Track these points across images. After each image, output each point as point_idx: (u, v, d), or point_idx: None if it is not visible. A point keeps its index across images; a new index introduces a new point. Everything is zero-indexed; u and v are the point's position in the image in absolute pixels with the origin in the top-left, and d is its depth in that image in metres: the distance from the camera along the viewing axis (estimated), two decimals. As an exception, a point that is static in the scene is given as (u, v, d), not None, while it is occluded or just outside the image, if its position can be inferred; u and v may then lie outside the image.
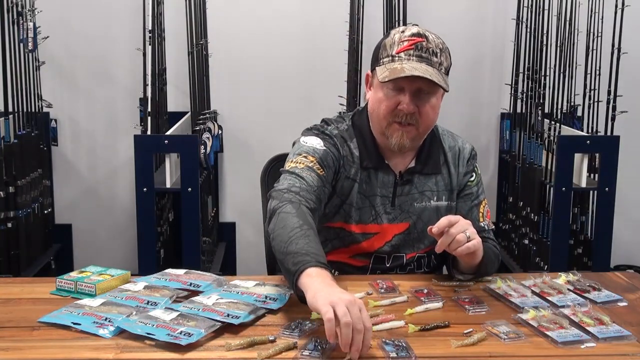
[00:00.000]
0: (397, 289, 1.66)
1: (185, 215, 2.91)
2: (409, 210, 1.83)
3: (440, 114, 1.81)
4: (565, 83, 3.32)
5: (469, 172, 1.88)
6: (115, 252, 3.83)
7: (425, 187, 1.84)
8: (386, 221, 1.82)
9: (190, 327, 1.40)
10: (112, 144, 3.83)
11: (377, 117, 1.77)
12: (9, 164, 3.08)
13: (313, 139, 1.80)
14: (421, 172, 1.83)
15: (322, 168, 1.74)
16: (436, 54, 1.71)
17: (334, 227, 1.83)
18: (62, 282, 1.66)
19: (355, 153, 1.81)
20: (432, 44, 1.72)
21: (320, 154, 1.76)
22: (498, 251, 1.86)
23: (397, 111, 1.72)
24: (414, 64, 1.69)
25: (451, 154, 1.88)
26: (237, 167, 3.87)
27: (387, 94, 1.73)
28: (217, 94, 3.76)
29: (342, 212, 1.81)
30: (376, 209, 1.81)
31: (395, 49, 1.71)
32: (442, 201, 1.85)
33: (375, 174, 1.81)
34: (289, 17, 3.77)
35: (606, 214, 3.04)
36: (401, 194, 1.82)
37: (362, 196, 1.81)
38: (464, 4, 3.82)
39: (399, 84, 1.71)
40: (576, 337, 1.40)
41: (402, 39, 1.72)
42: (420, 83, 1.69)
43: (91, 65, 3.77)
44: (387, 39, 1.75)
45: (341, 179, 1.79)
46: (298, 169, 1.72)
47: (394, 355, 1.32)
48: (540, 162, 3.33)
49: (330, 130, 1.83)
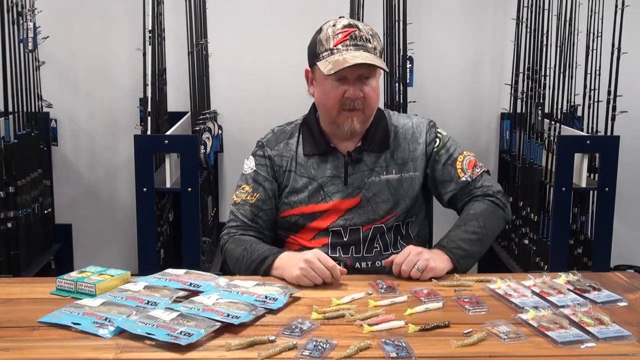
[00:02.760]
0: (397, 289, 1.67)
1: (185, 215, 2.91)
2: (359, 186, 1.94)
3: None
4: (565, 83, 3.32)
5: (431, 140, 1.99)
6: (115, 252, 3.83)
7: (376, 165, 1.95)
8: (340, 198, 1.94)
9: (190, 327, 1.40)
10: (112, 144, 3.83)
11: (326, 108, 1.90)
12: (9, 164, 3.08)
13: (248, 163, 2.03)
14: (368, 150, 1.95)
15: (255, 192, 1.98)
16: (369, 40, 1.86)
17: (285, 216, 1.98)
18: (62, 282, 1.66)
19: (292, 147, 1.99)
20: (364, 32, 1.86)
21: (252, 177, 2.00)
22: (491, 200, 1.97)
23: (344, 99, 1.86)
24: (353, 52, 1.82)
25: (403, 130, 1.99)
26: (237, 167, 3.85)
27: (332, 85, 1.86)
28: (217, 94, 3.76)
29: (286, 202, 1.98)
30: (325, 189, 1.95)
31: (332, 42, 1.85)
32: (393, 174, 1.96)
33: (323, 158, 1.96)
34: (289, 17, 3.76)
35: (606, 214, 3.03)
36: (352, 173, 1.94)
37: (309, 180, 1.96)
38: (464, 4, 3.82)
39: (341, 74, 1.83)
40: (576, 337, 1.40)
41: (336, 32, 1.85)
42: (361, 70, 1.83)
43: (91, 65, 3.77)
44: (320, 35, 1.88)
45: (280, 175, 1.99)
46: (236, 204, 2.00)
47: (394, 355, 1.32)
48: (540, 162, 3.33)
49: (264, 140, 2.04)
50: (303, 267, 1.69)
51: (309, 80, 1.96)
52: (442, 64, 3.81)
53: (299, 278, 1.69)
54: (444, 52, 3.81)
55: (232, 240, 1.96)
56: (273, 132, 2.05)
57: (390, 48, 3.40)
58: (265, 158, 2.00)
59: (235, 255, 1.90)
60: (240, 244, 1.92)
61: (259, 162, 2.01)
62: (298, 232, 1.98)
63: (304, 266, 1.69)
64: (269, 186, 1.98)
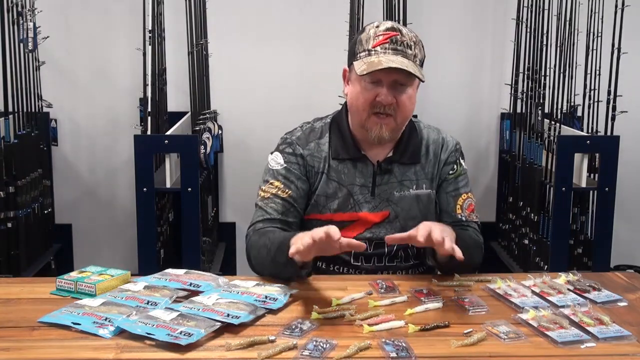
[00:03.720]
0: (397, 289, 1.67)
1: (185, 215, 2.91)
2: (388, 199, 1.88)
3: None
4: (565, 83, 3.32)
5: (450, 163, 1.93)
6: (115, 252, 3.83)
7: (405, 177, 1.89)
8: (366, 210, 1.88)
9: (190, 327, 1.40)
10: (112, 144, 3.83)
11: (357, 110, 1.83)
12: (9, 164, 3.08)
13: (274, 159, 1.91)
14: (400, 162, 1.89)
15: (287, 188, 1.87)
16: (410, 47, 1.79)
17: (310, 219, 1.90)
18: (62, 282, 1.66)
19: (323, 148, 1.90)
20: (406, 37, 1.79)
21: (282, 173, 1.88)
22: (479, 239, 1.90)
23: (375, 103, 1.79)
24: (390, 56, 1.76)
25: (434, 145, 1.93)
26: (237, 167, 3.87)
27: (365, 87, 1.79)
28: (217, 94, 3.76)
29: (314, 204, 1.89)
30: (354, 197, 1.88)
31: (372, 43, 1.78)
32: (423, 189, 1.90)
33: (353, 164, 1.89)
34: (289, 17, 3.76)
35: (606, 214, 3.03)
36: (380, 184, 1.88)
37: (340, 185, 1.87)
38: (464, 3, 3.82)
39: (376, 77, 1.77)
40: (576, 337, 1.40)
41: (377, 34, 1.79)
42: (397, 75, 1.76)
43: (91, 65, 3.77)
44: (362, 34, 1.82)
45: (311, 176, 1.89)
46: (265, 199, 1.88)
47: (394, 355, 1.32)
48: (540, 162, 3.33)
49: (292, 135, 1.93)
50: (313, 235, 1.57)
51: (345, 79, 1.89)
52: (442, 64, 3.81)
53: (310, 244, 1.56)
54: (444, 52, 3.81)
55: (257, 233, 1.83)
56: (302, 129, 1.94)
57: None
58: (296, 156, 1.89)
59: (259, 246, 1.78)
60: (264, 234, 1.80)
61: (288, 159, 1.89)
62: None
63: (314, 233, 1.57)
64: (301, 185, 1.88)
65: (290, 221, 1.87)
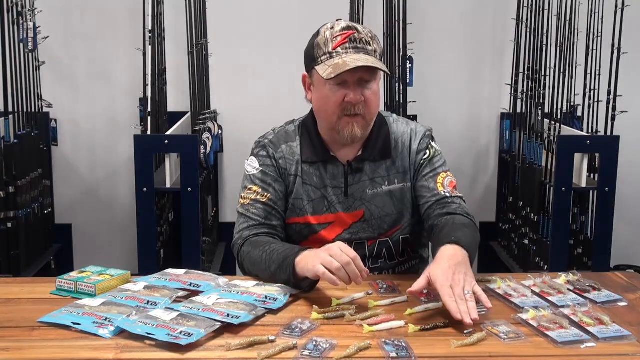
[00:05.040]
0: (397, 289, 1.67)
1: (185, 215, 2.91)
2: (362, 198, 1.87)
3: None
4: (565, 83, 3.32)
5: (421, 150, 1.90)
6: (115, 252, 3.83)
7: (376, 174, 1.88)
8: (341, 210, 1.87)
9: (190, 327, 1.40)
10: (112, 144, 3.83)
11: (326, 114, 1.81)
12: (9, 164, 3.08)
13: (250, 164, 1.91)
14: (370, 159, 1.88)
15: (265, 192, 1.86)
16: (369, 42, 1.77)
17: (290, 224, 1.89)
18: (62, 282, 1.66)
19: (296, 151, 1.89)
20: (364, 34, 1.78)
21: (259, 177, 1.88)
22: (470, 218, 1.82)
23: (344, 104, 1.77)
24: (353, 55, 1.75)
25: (403, 138, 1.91)
26: (237, 167, 3.86)
27: (332, 90, 1.77)
28: (217, 94, 3.76)
29: (292, 208, 1.88)
30: (329, 199, 1.87)
31: (331, 45, 1.77)
32: (395, 184, 1.89)
33: (323, 166, 1.88)
34: (289, 17, 3.76)
35: (606, 214, 3.03)
36: (353, 183, 1.87)
37: (313, 188, 1.87)
38: (464, 3, 3.82)
39: (341, 78, 1.75)
40: (576, 337, 1.40)
41: (335, 35, 1.77)
42: (362, 73, 1.75)
43: (91, 65, 3.77)
44: (318, 38, 1.80)
45: (285, 178, 1.88)
46: (245, 205, 1.87)
47: (394, 355, 1.32)
48: (540, 162, 3.33)
49: (265, 138, 1.93)
50: (322, 256, 1.56)
51: (306, 86, 1.87)
52: (442, 64, 3.81)
53: (317, 268, 1.55)
54: (444, 52, 3.81)
55: (248, 243, 1.81)
56: (274, 132, 1.94)
57: (390, 48, 3.40)
58: (270, 158, 1.89)
59: (254, 259, 1.76)
60: (257, 245, 1.77)
61: (263, 162, 1.89)
62: (303, 241, 1.89)
63: (323, 255, 1.56)
64: (278, 187, 1.87)
65: (275, 224, 1.86)
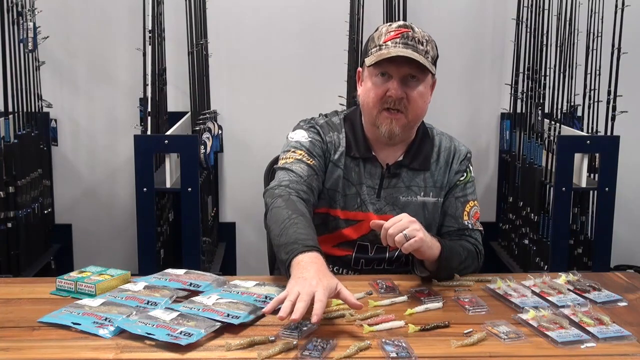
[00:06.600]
0: (397, 289, 1.67)
1: (185, 215, 2.91)
2: (394, 203, 1.86)
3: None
4: (565, 83, 3.32)
5: (460, 171, 1.91)
6: (115, 252, 3.83)
7: (413, 182, 1.87)
8: (372, 210, 1.85)
9: (190, 327, 1.40)
10: (112, 144, 3.83)
11: (367, 106, 1.81)
12: (9, 164, 3.08)
13: (298, 134, 1.87)
14: (409, 167, 1.87)
15: (311, 158, 1.82)
16: (422, 43, 1.78)
17: (318, 212, 1.86)
18: (62, 282, 1.66)
19: (342, 142, 1.87)
20: (418, 34, 1.79)
21: (306, 145, 1.84)
22: (477, 251, 1.85)
23: (385, 98, 1.77)
24: (400, 49, 1.74)
25: (445, 153, 1.91)
26: (237, 167, 3.87)
27: (375, 82, 1.77)
28: (217, 94, 3.76)
29: (326, 197, 1.86)
30: (362, 197, 1.86)
31: (383, 39, 1.77)
32: (430, 197, 1.88)
33: (363, 164, 1.86)
34: (289, 17, 3.76)
35: (606, 214, 3.03)
36: (387, 187, 1.86)
37: (349, 183, 1.85)
38: (464, 3, 3.82)
39: (386, 70, 1.75)
40: (576, 337, 1.40)
41: (389, 31, 1.78)
42: (407, 68, 1.75)
43: (91, 65, 3.76)
44: (374, 33, 1.81)
45: (327, 163, 1.86)
46: (288, 163, 1.81)
47: (394, 355, 1.32)
48: (540, 162, 3.33)
49: (316, 121, 1.91)
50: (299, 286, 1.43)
51: (359, 80, 1.87)
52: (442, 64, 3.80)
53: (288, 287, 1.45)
54: (444, 52, 3.79)
55: (286, 197, 1.70)
56: (324, 118, 1.92)
57: (390, 48, 3.40)
58: (320, 136, 1.86)
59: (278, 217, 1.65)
60: (289, 207, 1.66)
61: (313, 137, 1.85)
62: (324, 234, 1.85)
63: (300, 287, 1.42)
64: (322, 163, 1.83)
65: (314, 187, 1.79)
